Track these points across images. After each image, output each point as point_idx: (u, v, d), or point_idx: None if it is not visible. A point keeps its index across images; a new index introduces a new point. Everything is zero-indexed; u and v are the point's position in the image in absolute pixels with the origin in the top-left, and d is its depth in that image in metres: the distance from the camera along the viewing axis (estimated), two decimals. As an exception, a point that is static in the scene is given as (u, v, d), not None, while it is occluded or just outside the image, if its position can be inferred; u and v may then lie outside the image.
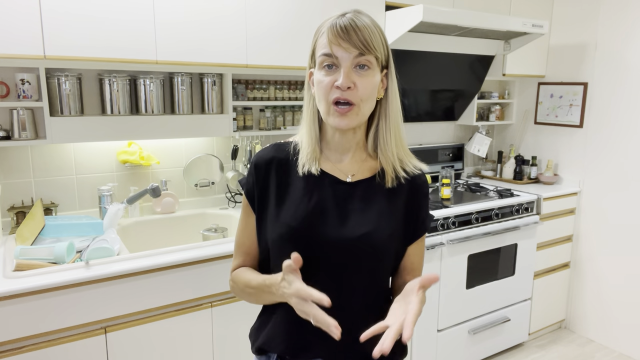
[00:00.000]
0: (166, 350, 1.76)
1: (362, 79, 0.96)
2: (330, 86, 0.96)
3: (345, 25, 0.94)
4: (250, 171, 1.09)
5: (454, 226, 2.48)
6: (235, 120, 2.31)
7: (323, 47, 0.97)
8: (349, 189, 1.04)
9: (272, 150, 1.09)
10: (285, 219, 1.02)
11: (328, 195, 1.03)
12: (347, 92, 0.95)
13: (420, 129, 3.20)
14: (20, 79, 1.84)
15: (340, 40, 0.94)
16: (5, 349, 1.49)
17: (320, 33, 0.99)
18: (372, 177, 1.06)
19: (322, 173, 1.05)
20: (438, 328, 2.53)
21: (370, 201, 1.03)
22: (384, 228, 1.01)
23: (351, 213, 1.02)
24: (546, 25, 2.65)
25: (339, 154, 1.07)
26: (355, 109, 0.97)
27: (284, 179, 1.06)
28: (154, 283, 1.69)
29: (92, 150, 2.15)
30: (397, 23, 2.37)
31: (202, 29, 1.96)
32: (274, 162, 1.07)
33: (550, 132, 3.23)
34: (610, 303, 2.97)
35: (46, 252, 1.64)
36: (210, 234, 2.10)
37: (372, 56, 0.96)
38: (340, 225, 1.00)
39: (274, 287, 0.96)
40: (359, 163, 1.07)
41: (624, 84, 2.82)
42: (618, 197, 2.89)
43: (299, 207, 1.02)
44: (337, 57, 0.95)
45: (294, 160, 1.06)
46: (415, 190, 1.07)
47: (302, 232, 1.00)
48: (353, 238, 0.99)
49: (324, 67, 0.98)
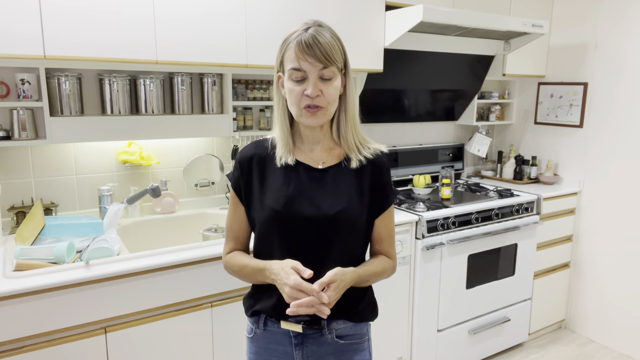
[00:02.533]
0: (166, 350, 1.76)
1: (327, 87, 1.14)
2: (300, 95, 1.14)
3: (309, 42, 1.10)
4: (235, 167, 1.28)
5: (454, 226, 2.48)
6: (235, 120, 2.31)
7: (291, 61, 1.13)
8: (321, 174, 1.23)
9: (253, 148, 1.27)
10: (269, 204, 1.20)
11: (304, 181, 1.21)
12: (316, 98, 1.13)
13: (420, 129, 3.20)
14: (20, 79, 1.84)
15: (306, 55, 1.11)
16: (5, 349, 1.49)
17: (286, 45, 1.15)
18: (339, 163, 1.24)
19: (297, 163, 1.23)
20: (438, 328, 2.53)
21: (340, 183, 1.22)
22: (354, 204, 1.21)
23: (325, 194, 1.20)
24: (546, 25, 2.65)
25: (310, 145, 1.25)
26: (323, 110, 1.16)
27: (264, 171, 1.24)
28: (154, 283, 1.69)
29: (92, 150, 2.15)
30: (397, 23, 2.37)
31: (202, 29, 1.96)
32: (254, 158, 1.25)
33: (550, 132, 3.23)
34: (610, 303, 2.97)
35: (46, 252, 1.64)
36: (210, 234, 2.10)
37: (334, 67, 1.14)
38: (317, 205, 1.19)
39: (267, 271, 1.17)
40: (327, 151, 1.25)
41: (624, 84, 2.82)
42: (618, 197, 2.89)
43: (280, 193, 1.20)
44: (305, 70, 1.12)
45: (271, 154, 1.25)
46: (377, 169, 1.25)
47: (284, 214, 1.18)
48: (329, 215, 1.18)
49: (292, 79, 1.14)
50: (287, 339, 1.25)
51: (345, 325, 1.25)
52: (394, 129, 3.06)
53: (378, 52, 2.43)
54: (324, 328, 1.23)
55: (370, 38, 2.39)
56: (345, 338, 1.26)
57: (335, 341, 1.24)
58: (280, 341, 1.26)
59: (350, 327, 1.26)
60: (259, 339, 1.28)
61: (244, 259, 1.27)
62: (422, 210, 2.44)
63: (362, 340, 1.29)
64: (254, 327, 1.29)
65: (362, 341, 1.29)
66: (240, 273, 1.27)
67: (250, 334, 1.31)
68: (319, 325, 1.23)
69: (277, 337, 1.26)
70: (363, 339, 1.30)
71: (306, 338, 1.24)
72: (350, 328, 1.26)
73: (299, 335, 1.23)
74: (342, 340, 1.25)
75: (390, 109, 2.93)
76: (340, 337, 1.25)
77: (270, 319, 1.26)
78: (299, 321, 1.21)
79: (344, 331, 1.25)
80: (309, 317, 1.21)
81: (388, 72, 2.55)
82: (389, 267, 1.29)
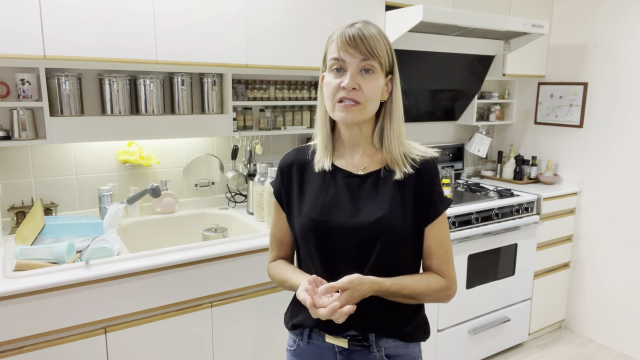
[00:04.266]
0: (166, 350, 1.76)
1: (366, 81, 1.08)
2: (337, 87, 1.08)
3: (353, 35, 1.06)
4: (277, 174, 1.26)
5: (454, 226, 2.48)
6: (235, 120, 2.31)
7: (333, 52, 1.09)
8: (360, 181, 1.16)
9: (293, 154, 1.25)
10: (306, 212, 1.16)
11: (342, 187, 1.16)
12: (352, 92, 1.07)
13: (420, 129, 3.20)
14: (20, 79, 1.84)
15: (347, 46, 1.06)
16: (5, 349, 1.49)
17: (331, 41, 1.11)
18: (381, 169, 1.16)
19: (336, 168, 1.18)
20: (438, 328, 2.53)
21: (381, 190, 1.14)
22: (394, 213, 1.11)
23: (364, 202, 1.13)
24: (546, 25, 2.65)
25: (350, 149, 1.19)
26: (359, 107, 1.09)
27: (303, 177, 1.21)
28: (154, 283, 1.69)
29: (92, 150, 2.15)
30: (397, 23, 2.37)
31: (202, 29, 1.96)
32: (294, 165, 1.22)
33: (550, 132, 3.23)
34: (610, 303, 2.97)
35: (46, 252, 1.64)
36: (210, 234, 2.10)
37: (375, 61, 1.08)
38: (355, 213, 1.12)
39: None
40: (369, 157, 1.18)
41: (624, 84, 2.82)
42: (618, 196, 2.89)
43: (317, 200, 1.16)
44: (345, 61, 1.07)
45: (312, 160, 1.21)
46: (423, 175, 1.15)
47: (321, 222, 1.13)
48: (366, 224, 1.10)
49: (333, 70, 1.10)
50: (332, 354, 1.17)
51: (396, 344, 1.16)
52: (394, 129, 3.06)
53: (378, 52, 2.43)
54: (371, 345, 1.15)
55: (370, 38, 2.39)
56: (395, 358, 1.17)
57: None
58: (324, 355, 1.18)
59: (401, 347, 1.17)
60: (302, 352, 1.22)
61: (285, 271, 1.22)
62: (422, 210, 2.44)
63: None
64: (297, 339, 1.22)
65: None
66: (283, 286, 1.22)
67: (293, 346, 1.24)
68: (367, 342, 1.14)
69: (322, 352, 1.18)
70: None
71: (352, 354, 1.16)
72: (401, 348, 1.17)
73: (344, 350, 1.16)
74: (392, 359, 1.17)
75: (390, 109, 2.93)
76: (389, 356, 1.16)
77: (315, 332, 1.19)
78: (346, 336, 1.14)
79: (393, 350, 1.16)
80: (355, 332, 1.14)
81: (388, 72, 2.55)
82: (438, 287, 1.14)
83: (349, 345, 1.15)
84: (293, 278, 1.17)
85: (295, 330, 1.23)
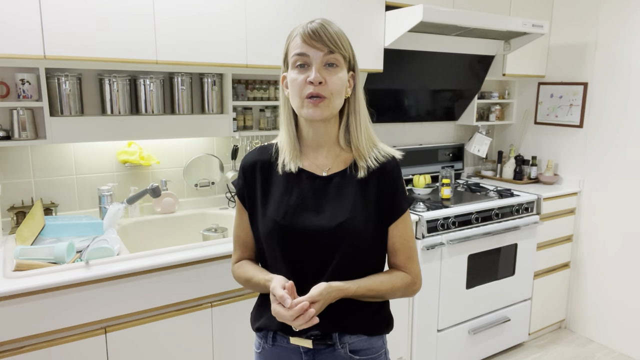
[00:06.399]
0: (166, 350, 1.76)
1: (331, 75, 1.08)
2: (303, 83, 1.07)
3: (316, 28, 1.06)
4: (239, 174, 1.23)
5: (454, 226, 2.48)
6: (235, 120, 2.31)
7: (295, 48, 1.08)
8: (324, 183, 1.15)
9: (256, 154, 1.22)
10: (270, 215, 1.14)
11: (306, 190, 1.15)
12: (319, 87, 1.07)
13: (420, 129, 3.20)
14: (20, 79, 1.84)
15: (312, 40, 1.06)
16: (5, 349, 1.49)
17: (292, 37, 1.10)
18: (345, 170, 1.16)
19: (300, 170, 1.16)
20: (438, 328, 2.53)
21: (345, 191, 1.14)
22: (358, 215, 1.12)
23: (328, 204, 1.13)
24: (546, 25, 2.65)
25: (314, 150, 1.18)
26: (326, 102, 1.08)
27: (267, 179, 1.18)
28: (154, 283, 1.69)
29: (92, 150, 2.15)
30: (397, 23, 2.37)
31: (202, 29, 1.96)
32: (257, 165, 1.20)
33: (550, 132, 3.23)
34: (610, 303, 2.97)
35: (46, 252, 1.64)
36: (210, 234, 2.10)
37: (339, 55, 1.08)
38: (319, 216, 1.12)
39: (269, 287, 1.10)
40: (333, 157, 1.18)
41: (624, 84, 2.82)
42: (618, 197, 2.89)
43: (281, 204, 1.14)
44: (309, 55, 1.07)
45: (275, 161, 1.19)
46: (386, 175, 1.16)
47: (285, 226, 1.12)
48: (330, 227, 1.10)
49: (296, 67, 1.09)
50: (298, 355, 1.17)
51: (359, 338, 1.17)
52: (394, 129, 3.06)
53: (378, 52, 2.43)
54: (335, 343, 1.15)
55: (370, 38, 2.39)
56: (360, 353, 1.17)
57: (350, 356, 1.16)
58: (289, 356, 1.18)
59: (364, 341, 1.18)
60: (268, 354, 1.22)
61: (249, 270, 1.21)
62: (422, 210, 2.44)
63: (378, 354, 1.20)
64: (262, 342, 1.23)
65: (378, 355, 1.21)
66: (247, 285, 1.22)
67: (259, 349, 1.24)
68: (331, 340, 1.15)
69: (287, 353, 1.18)
70: (379, 352, 1.21)
71: (318, 354, 1.16)
72: (365, 342, 1.18)
73: (309, 351, 1.16)
74: (357, 355, 1.17)
75: (391, 109, 2.93)
76: (354, 351, 1.17)
77: (279, 334, 1.19)
78: (309, 336, 1.14)
79: (358, 345, 1.17)
80: (319, 332, 1.13)
81: (388, 72, 2.55)
82: (403, 284, 1.16)
83: (313, 345, 1.15)
84: (257, 276, 1.17)
85: (260, 332, 1.23)
